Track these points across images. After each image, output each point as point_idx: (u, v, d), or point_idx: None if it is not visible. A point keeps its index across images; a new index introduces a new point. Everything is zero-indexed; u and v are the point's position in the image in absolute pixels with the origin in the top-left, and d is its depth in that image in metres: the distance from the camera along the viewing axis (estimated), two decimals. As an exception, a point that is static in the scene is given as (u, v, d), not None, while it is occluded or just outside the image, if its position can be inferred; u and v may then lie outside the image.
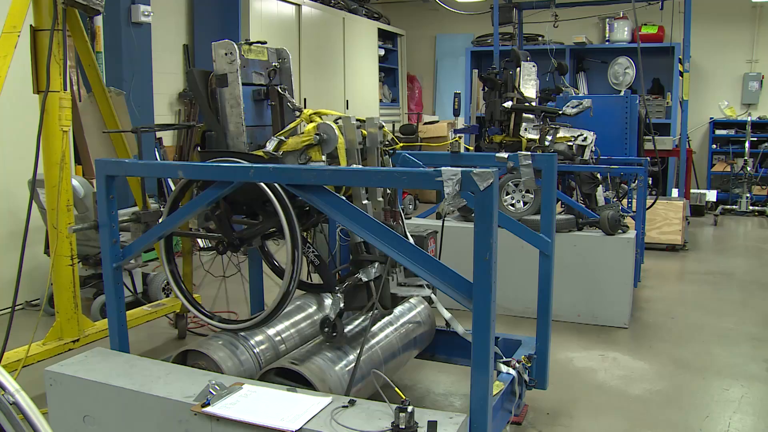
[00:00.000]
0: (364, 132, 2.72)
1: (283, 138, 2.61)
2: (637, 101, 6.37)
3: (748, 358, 4.04)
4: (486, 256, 1.93)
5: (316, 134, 2.58)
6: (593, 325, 4.62)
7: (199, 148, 2.75)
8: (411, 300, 3.19)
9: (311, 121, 2.67)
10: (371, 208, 2.64)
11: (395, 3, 11.63)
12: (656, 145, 6.15)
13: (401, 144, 3.05)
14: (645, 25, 9.58)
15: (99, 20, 5.89)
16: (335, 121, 2.66)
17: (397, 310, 3.06)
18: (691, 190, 9.12)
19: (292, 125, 2.73)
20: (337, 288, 2.61)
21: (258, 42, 2.81)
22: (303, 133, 2.63)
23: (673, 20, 7.81)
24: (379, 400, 2.07)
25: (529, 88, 5.34)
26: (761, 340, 4.34)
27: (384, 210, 2.70)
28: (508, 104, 5.13)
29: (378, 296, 2.60)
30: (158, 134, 7.01)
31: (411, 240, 2.73)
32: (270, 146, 2.57)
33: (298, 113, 2.78)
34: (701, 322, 4.75)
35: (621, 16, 9.82)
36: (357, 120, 2.68)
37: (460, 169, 1.93)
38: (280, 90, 2.84)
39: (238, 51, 2.62)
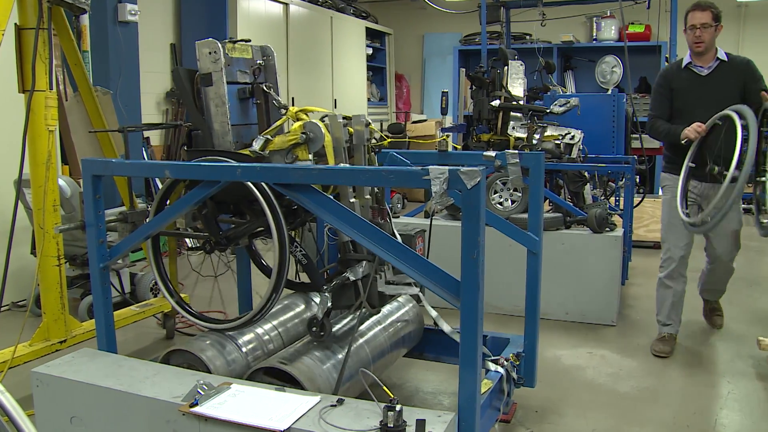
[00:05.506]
0: (351, 129, 2.72)
1: (269, 137, 2.60)
2: (625, 100, 6.40)
3: (734, 355, 4.08)
4: (474, 255, 1.94)
5: (303, 133, 2.58)
6: (581, 322, 4.65)
7: (185, 147, 2.74)
8: (399, 299, 3.20)
9: (297, 119, 2.66)
10: (358, 206, 2.63)
11: (383, 2, 11.62)
12: (643, 144, 6.18)
13: (389, 140, 3.05)
14: (632, 23, 9.60)
15: (85, 19, 5.84)
16: (321, 119, 2.65)
17: (386, 308, 3.06)
18: (678, 188, 9.15)
19: (278, 123, 2.73)
20: (324, 287, 2.61)
21: (242, 40, 2.81)
22: (289, 131, 2.63)
23: (660, 19, 7.85)
24: (367, 399, 2.07)
25: (517, 87, 5.36)
26: (747, 336, 4.37)
27: (371, 208, 2.70)
28: (495, 103, 5.15)
29: (365, 295, 2.61)
30: (145, 133, 6.96)
31: (399, 238, 2.74)
32: (257, 145, 2.56)
33: (283, 111, 2.78)
34: (687, 319, 4.77)
35: (608, 15, 9.85)
36: (343, 118, 2.68)
37: (447, 167, 1.93)
38: (265, 88, 2.83)
39: (222, 50, 2.61)
